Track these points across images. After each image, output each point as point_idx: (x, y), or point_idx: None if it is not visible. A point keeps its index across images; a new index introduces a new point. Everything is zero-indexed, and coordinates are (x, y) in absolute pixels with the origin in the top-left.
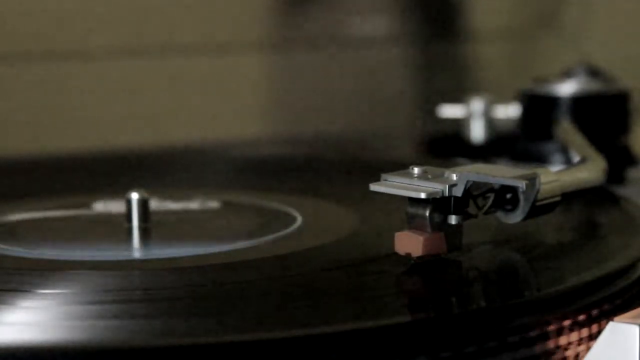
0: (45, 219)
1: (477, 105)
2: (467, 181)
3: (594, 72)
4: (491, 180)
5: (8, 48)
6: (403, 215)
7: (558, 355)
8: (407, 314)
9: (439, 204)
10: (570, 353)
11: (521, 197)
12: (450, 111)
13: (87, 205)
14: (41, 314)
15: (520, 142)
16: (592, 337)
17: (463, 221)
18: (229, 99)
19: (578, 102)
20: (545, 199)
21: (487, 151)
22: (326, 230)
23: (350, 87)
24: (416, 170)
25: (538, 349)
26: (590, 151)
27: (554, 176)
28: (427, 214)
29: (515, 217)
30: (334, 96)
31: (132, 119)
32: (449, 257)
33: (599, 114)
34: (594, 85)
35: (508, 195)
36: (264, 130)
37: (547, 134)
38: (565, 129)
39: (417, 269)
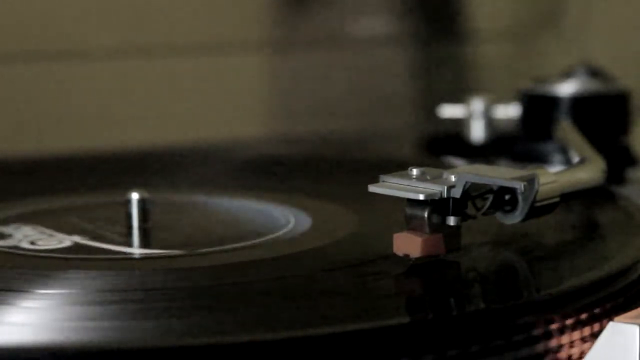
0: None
1: (477, 105)
2: (466, 182)
3: (594, 72)
4: (490, 181)
5: (8, 48)
6: (402, 216)
7: (558, 356)
8: (405, 315)
9: (438, 205)
10: (570, 353)
11: (520, 198)
12: (450, 111)
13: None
14: (41, 314)
15: (520, 142)
16: (592, 337)
17: (462, 222)
18: (229, 99)
19: (578, 102)
20: (544, 200)
21: (487, 151)
22: (326, 230)
23: (350, 87)
24: (415, 171)
25: (538, 349)
26: (590, 151)
27: (553, 177)
28: (426, 215)
29: (514, 218)
30: (334, 96)
31: (132, 119)
32: (448, 258)
33: (599, 114)
34: (594, 85)
35: (507, 196)
36: (264, 130)
37: (547, 134)
38: (565, 129)
39: (416, 270)
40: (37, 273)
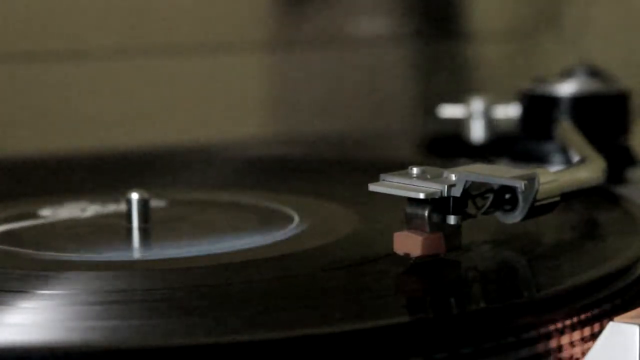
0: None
1: (477, 105)
2: (466, 181)
3: (594, 72)
4: (490, 180)
5: (8, 48)
6: (402, 215)
7: (558, 356)
8: (406, 315)
9: (438, 204)
10: (570, 353)
11: (520, 197)
12: (450, 111)
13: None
14: (41, 315)
15: (520, 142)
16: (592, 337)
17: (462, 221)
18: (229, 99)
19: (578, 102)
20: (544, 199)
21: (487, 151)
22: (326, 230)
23: (350, 87)
24: (415, 170)
25: (537, 349)
26: (590, 151)
27: (553, 176)
28: (426, 214)
29: (515, 217)
30: (334, 96)
31: (132, 119)
32: (448, 257)
33: (599, 114)
34: (594, 85)
35: (507, 196)
36: (264, 130)
37: (547, 134)
38: (565, 129)
39: (416, 269)
40: (37, 273)
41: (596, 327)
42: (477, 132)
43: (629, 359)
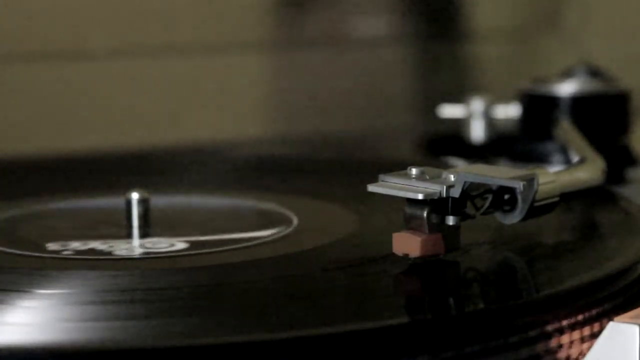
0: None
1: (477, 105)
2: (465, 182)
3: (594, 72)
4: (489, 181)
5: (8, 48)
6: (402, 215)
7: (558, 356)
8: (405, 315)
9: (437, 205)
10: (569, 354)
11: (519, 197)
12: (450, 111)
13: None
14: (41, 314)
15: (520, 142)
16: (592, 337)
17: (461, 222)
18: (229, 99)
19: (578, 102)
20: (544, 199)
21: (487, 151)
22: (326, 230)
23: (350, 87)
24: (414, 171)
25: (538, 349)
26: (590, 151)
27: (552, 177)
28: (425, 214)
29: (514, 218)
30: (334, 96)
31: (132, 119)
32: (447, 257)
33: (599, 114)
34: (594, 85)
35: (506, 196)
36: (264, 130)
37: (547, 134)
38: (565, 129)
39: (416, 269)
40: (37, 273)
41: (596, 327)
42: (477, 132)
43: (629, 359)
